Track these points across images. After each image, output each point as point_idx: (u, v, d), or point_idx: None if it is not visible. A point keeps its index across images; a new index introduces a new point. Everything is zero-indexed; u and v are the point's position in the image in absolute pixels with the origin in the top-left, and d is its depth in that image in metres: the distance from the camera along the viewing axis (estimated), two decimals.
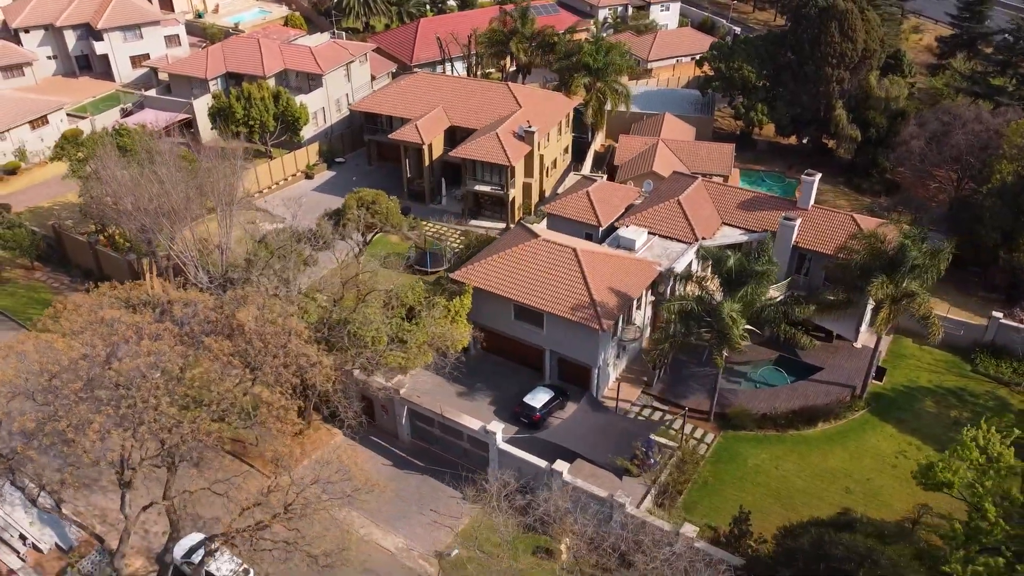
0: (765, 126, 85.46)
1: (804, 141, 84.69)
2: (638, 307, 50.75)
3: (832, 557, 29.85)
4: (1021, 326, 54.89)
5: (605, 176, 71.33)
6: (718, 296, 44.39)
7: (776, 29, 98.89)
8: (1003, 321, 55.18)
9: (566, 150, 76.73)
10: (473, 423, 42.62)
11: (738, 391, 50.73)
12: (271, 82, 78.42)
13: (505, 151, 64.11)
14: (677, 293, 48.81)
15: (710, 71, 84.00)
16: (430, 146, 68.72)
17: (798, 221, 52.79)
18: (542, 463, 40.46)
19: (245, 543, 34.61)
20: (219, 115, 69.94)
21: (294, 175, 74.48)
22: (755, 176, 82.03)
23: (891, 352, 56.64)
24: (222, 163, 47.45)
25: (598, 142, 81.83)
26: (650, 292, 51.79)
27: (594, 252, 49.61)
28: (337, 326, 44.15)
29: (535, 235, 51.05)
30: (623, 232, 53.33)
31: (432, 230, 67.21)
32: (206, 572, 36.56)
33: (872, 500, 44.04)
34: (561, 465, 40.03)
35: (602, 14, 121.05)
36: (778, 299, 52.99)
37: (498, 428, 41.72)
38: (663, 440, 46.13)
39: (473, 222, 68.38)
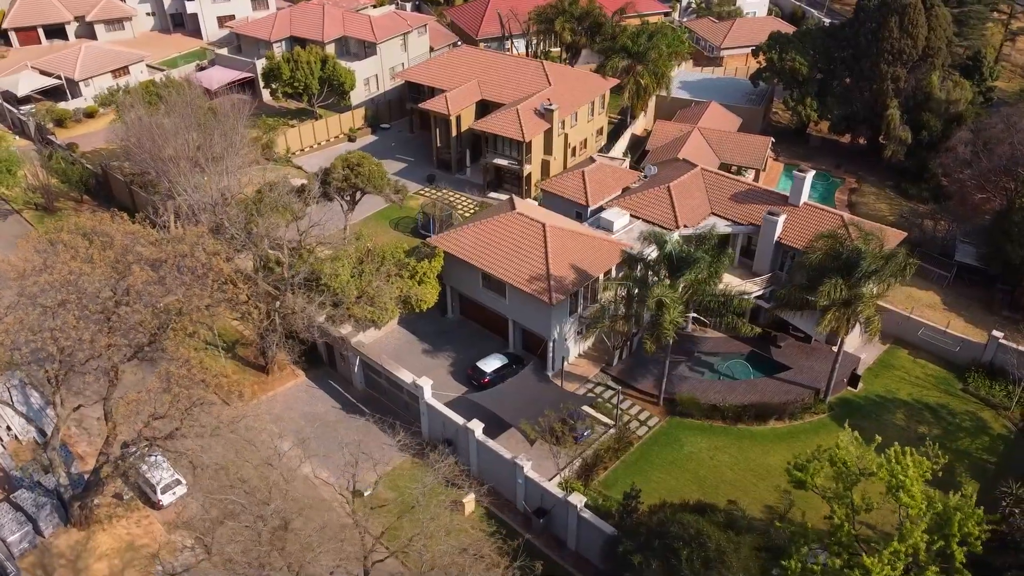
0: (822, 122, 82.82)
1: (856, 140, 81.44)
2: (607, 287, 51.59)
3: (667, 535, 30.69)
4: (1020, 348, 51.88)
5: (628, 161, 71.55)
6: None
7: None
8: (1003, 342, 52.40)
9: (600, 131, 77.22)
10: (407, 376, 45.21)
11: (695, 380, 50.85)
12: (331, 47, 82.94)
13: (521, 126, 65.68)
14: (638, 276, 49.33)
15: (763, 61, 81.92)
16: (458, 117, 71.08)
17: (782, 217, 51.94)
18: (460, 420, 42.61)
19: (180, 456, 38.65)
20: (269, 75, 74.82)
21: (337, 137, 78.74)
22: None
23: (880, 361, 54.95)
24: (228, 115, 51.33)
25: (639, 126, 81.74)
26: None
27: (563, 229, 50.81)
28: (309, 276, 47.71)
29: (513, 208, 52.72)
30: (604, 213, 54.13)
31: (450, 199, 69.77)
32: (145, 479, 41.11)
33: (801, 502, 43.57)
34: (475, 424, 42.06)
35: None
36: (753, 292, 52.75)
37: (427, 383, 44.12)
38: (601, 416, 47.21)
39: (492, 194, 70.40)
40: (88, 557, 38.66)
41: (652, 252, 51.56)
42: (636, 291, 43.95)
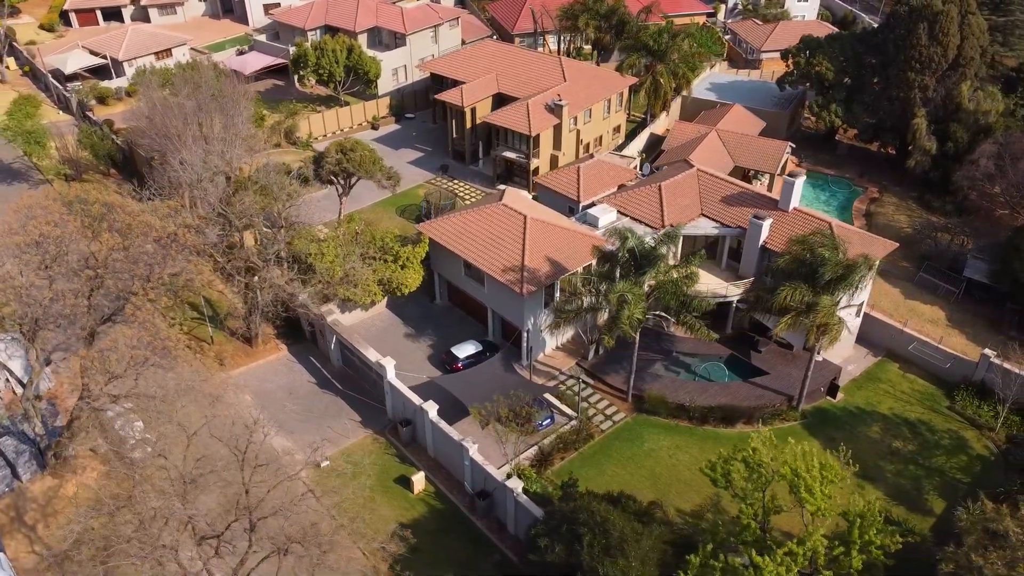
0: (852, 130, 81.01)
1: (883, 149, 79.44)
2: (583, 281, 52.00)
3: (576, 521, 31.28)
4: (1012, 369, 50.22)
5: (638, 160, 71.55)
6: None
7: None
8: (994, 360, 50.85)
9: (617, 129, 77.34)
10: (373, 355, 46.64)
11: (669, 378, 50.90)
12: (363, 37, 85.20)
13: (529, 120, 66.44)
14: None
15: (791, 65, 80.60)
16: (473, 109, 72.23)
17: (767, 221, 51.44)
18: (417, 400, 43.83)
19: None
20: (296, 62, 77.37)
21: (360, 124, 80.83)
22: (821, 179, 78.42)
23: (867, 373, 54.01)
24: (230, 97, 53.60)
25: (660, 126, 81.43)
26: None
27: (545, 222, 51.47)
28: (291, 254, 49.69)
29: (500, 199, 53.63)
30: (591, 209, 54.56)
31: (459, 189, 70.97)
32: (117, 435, 43.61)
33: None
34: (430, 406, 43.21)
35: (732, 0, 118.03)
36: (732, 296, 52.51)
37: (390, 363, 45.47)
38: (564, 407, 47.79)
39: (501, 186, 70.99)
40: (58, 503, 41.30)
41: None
42: (600, 286, 44.30)
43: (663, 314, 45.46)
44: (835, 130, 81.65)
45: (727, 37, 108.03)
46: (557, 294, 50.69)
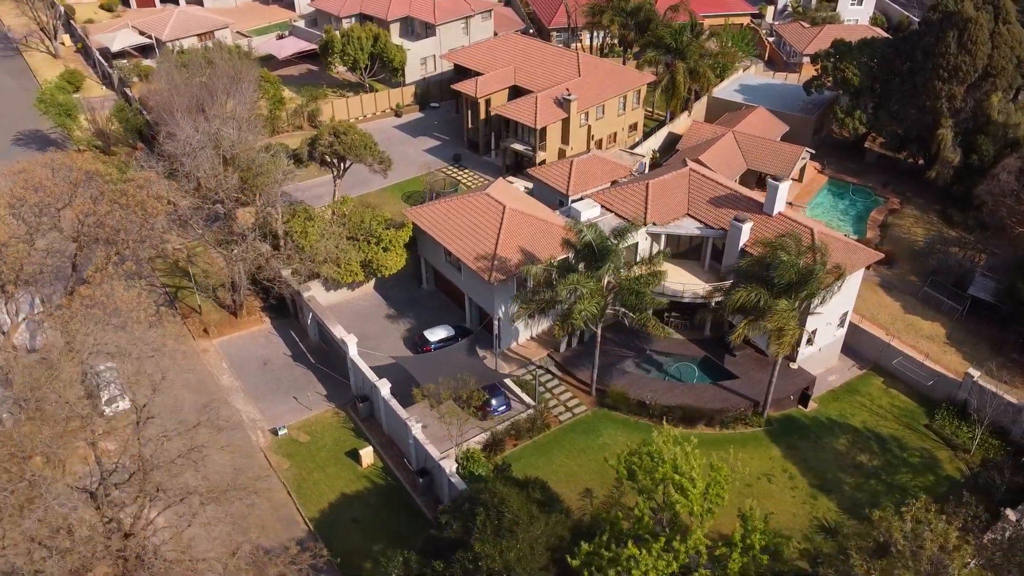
0: (880, 138, 78.75)
1: (910, 159, 76.92)
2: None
3: (478, 501, 32.07)
4: (992, 389, 48.50)
5: (648, 158, 71.23)
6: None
7: None
8: (977, 380, 49.17)
9: (634, 127, 77.11)
10: (339, 331, 48.17)
11: (637, 376, 50.90)
12: (395, 26, 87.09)
13: (536, 113, 67.01)
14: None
15: (819, 70, 78.76)
16: (488, 101, 73.16)
17: (748, 224, 50.80)
18: (373, 378, 45.17)
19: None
20: (324, 48, 79.71)
21: (384, 111, 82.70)
22: (843, 187, 76.64)
23: (848, 385, 53.00)
24: (234, 78, 55.92)
25: (681, 125, 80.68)
26: None
27: (524, 213, 52.08)
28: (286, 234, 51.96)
29: (484, 189, 54.51)
30: (575, 203, 54.87)
31: (465, 178, 72.04)
32: (95, 390, 46.30)
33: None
34: (383, 384, 44.50)
35: (782, 1, 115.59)
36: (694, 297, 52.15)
37: (352, 340, 46.91)
38: (524, 396, 48.43)
39: (510, 178, 71.94)
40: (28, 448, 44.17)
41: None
42: (555, 278, 44.74)
43: (624, 310, 45.57)
44: (864, 138, 79.53)
45: (771, 39, 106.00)
46: (531, 283, 51.24)
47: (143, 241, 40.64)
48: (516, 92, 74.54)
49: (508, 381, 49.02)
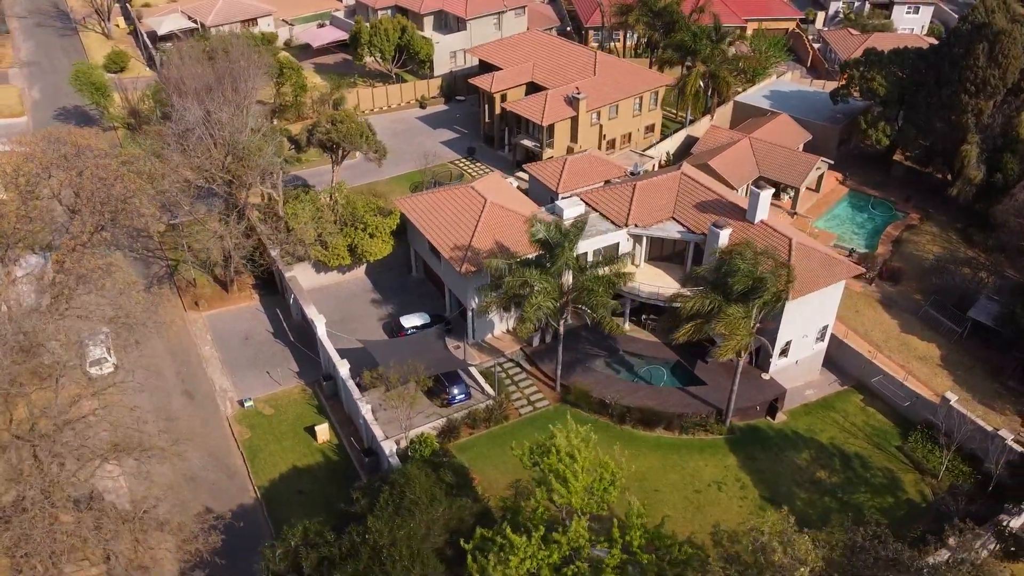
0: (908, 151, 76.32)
1: (941, 174, 74.29)
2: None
3: (388, 479, 33.22)
4: (967, 414, 46.96)
5: (657, 161, 70.94)
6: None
7: None
8: (953, 405, 47.67)
9: (651, 128, 76.75)
10: (311, 312, 49.90)
11: (604, 375, 51.09)
12: (429, 19, 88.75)
13: (544, 111, 67.53)
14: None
15: (845, 79, 76.80)
16: (503, 96, 73.97)
17: (726, 231, 50.32)
18: (336, 358, 46.72)
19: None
20: (354, 39, 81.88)
21: (409, 103, 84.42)
22: (864, 200, 74.75)
23: (824, 400, 52.17)
24: (243, 64, 58.20)
25: (700, 128, 79.88)
26: None
27: (504, 208, 52.80)
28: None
29: (473, 183, 55.48)
30: (559, 201, 55.27)
31: (473, 171, 73.07)
32: (83, 353, 49.25)
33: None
34: (343, 364, 46.00)
35: (834, 7, 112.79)
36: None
37: (321, 320, 48.58)
38: (486, 386, 49.24)
39: (520, 173, 72.83)
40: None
41: (590, 242, 52.49)
42: (507, 272, 45.34)
43: (583, 307, 45.95)
44: (892, 150, 77.23)
45: (817, 45, 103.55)
46: (507, 277, 51.94)
47: (119, 213, 43.07)
48: (533, 88, 75.13)
49: (473, 370, 49.88)
